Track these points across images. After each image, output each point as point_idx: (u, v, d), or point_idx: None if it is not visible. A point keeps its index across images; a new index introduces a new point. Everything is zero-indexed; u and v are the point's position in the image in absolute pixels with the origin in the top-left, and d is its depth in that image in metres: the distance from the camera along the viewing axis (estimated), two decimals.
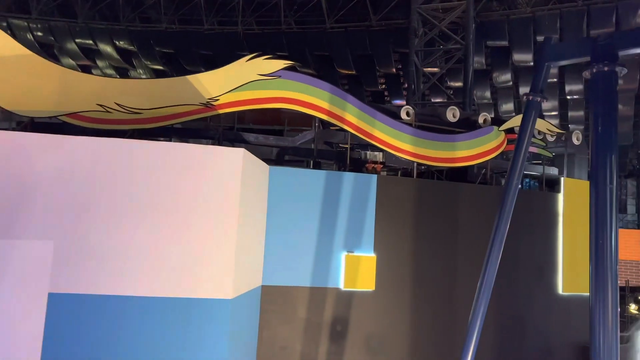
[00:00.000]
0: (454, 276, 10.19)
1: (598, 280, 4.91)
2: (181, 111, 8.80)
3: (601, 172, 5.09)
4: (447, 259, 10.11)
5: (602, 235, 5.00)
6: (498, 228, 6.56)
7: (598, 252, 4.97)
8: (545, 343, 11.06)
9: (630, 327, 13.72)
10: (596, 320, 4.87)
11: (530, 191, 11.79)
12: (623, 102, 31.79)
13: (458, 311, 10.13)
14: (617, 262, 5.03)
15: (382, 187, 9.68)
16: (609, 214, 5.06)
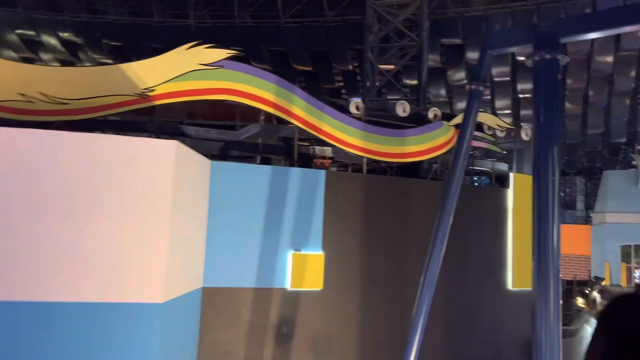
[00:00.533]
0: (405, 274, 9.98)
1: (540, 275, 4.74)
2: (113, 102, 8.20)
3: (543, 164, 4.92)
4: (398, 256, 9.89)
5: (544, 229, 4.82)
6: (441, 222, 6.35)
7: (540, 246, 4.80)
8: (495, 339, 11.04)
9: (577, 320, 13.98)
10: (538, 315, 4.69)
11: (479, 187, 11.78)
12: (572, 101, 32.79)
13: (410, 310, 9.92)
14: (559, 257, 4.87)
15: (331, 183, 9.36)
16: (551, 207, 4.89)
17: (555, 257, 4.80)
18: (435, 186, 10.76)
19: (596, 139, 39.10)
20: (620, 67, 27.25)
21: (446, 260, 10.84)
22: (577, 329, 13.23)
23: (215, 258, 8.41)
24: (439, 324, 10.42)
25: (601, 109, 33.81)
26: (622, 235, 36.13)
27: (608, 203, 36.95)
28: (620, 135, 37.97)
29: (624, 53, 25.52)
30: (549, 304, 4.72)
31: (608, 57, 25.20)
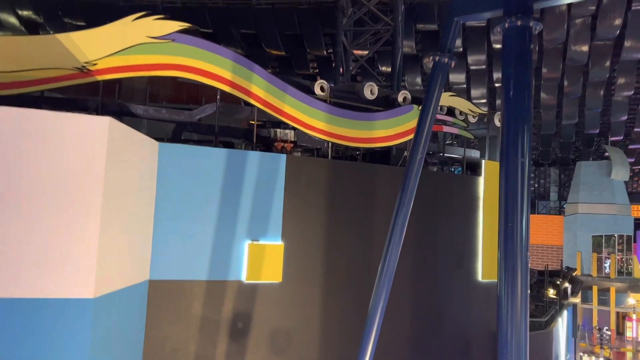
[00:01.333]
0: (371, 265, 9.46)
1: (507, 265, 4.26)
2: (48, 76, 7.42)
3: (512, 144, 4.42)
4: (365, 247, 9.37)
5: (512, 216, 4.33)
6: (400, 209, 5.82)
7: (507, 234, 4.32)
8: (465, 331, 10.65)
9: (549, 311, 13.74)
10: (504, 306, 4.22)
11: (450, 174, 11.31)
12: (547, 91, 32.72)
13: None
14: (527, 245, 4.39)
15: (292, 168, 8.75)
16: (519, 192, 4.39)
17: (523, 246, 4.31)
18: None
19: (570, 130, 39.28)
20: (595, 57, 27.16)
21: (414, 250, 10.39)
22: (548, 321, 12.96)
23: (164, 249, 7.75)
24: (406, 316, 9.97)
25: (576, 100, 33.84)
26: (593, 225, 36.51)
27: (580, 194, 37.25)
28: (594, 127, 38.19)
29: (599, 42, 25.40)
30: (516, 295, 4.25)
31: (583, 47, 25.04)
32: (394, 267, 6.40)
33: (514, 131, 4.38)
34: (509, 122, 4.44)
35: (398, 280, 9.89)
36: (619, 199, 36.61)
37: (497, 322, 4.44)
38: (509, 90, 4.42)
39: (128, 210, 6.71)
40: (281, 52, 25.53)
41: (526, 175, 4.46)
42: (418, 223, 10.14)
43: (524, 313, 4.35)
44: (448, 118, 10.82)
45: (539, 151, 46.53)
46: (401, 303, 9.89)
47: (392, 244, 6.08)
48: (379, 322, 6.11)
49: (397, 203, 6.02)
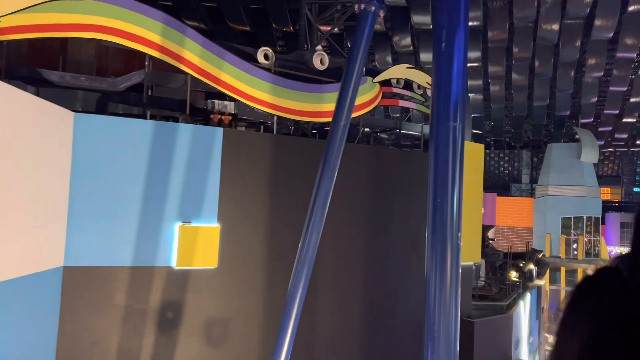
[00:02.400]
0: (318, 249, 8.81)
1: (435, 246, 3.61)
2: None
3: (443, 106, 3.74)
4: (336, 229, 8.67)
5: (441, 191, 3.67)
6: (322, 184, 5.13)
7: (436, 213, 3.67)
8: (421, 316, 10.12)
9: (511, 295, 13.38)
10: (432, 291, 3.59)
11: (403, 151, 10.68)
12: (518, 71, 32.37)
13: (321, 289, 8.82)
14: (459, 225, 3.75)
15: (230, 143, 7.97)
16: (450, 162, 3.72)
17: (454, 225, 3.66)
18: (358, 151, 9.58)
19: (542, 112, 39.18)
20: (566, 36, 26.80)
21: (367, 232, 9.78)
22: (510, 304, 12.58)
23: (81, 231, 6.93)
24: (358, 301, 9.38)
25: (547, 81, 33.64)
26: (563, 207, 36.70)
27: (551, 176, 37.33)
28: (564, 108, 38.13)
29: (570, 21, 25.00)
30: (445, 281, 3.62)
31: (554, 25, 24.60)
32: (315, 251, 5.76)
33: (445, 95, 3.71)
34: (439, 86, 3.76)
35: (349, 264, 9.29)
36: (588, 181, 36.83)
37: (425, 307, 3.82)
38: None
39: (33, 188, 5.86)
40: (246, 27, 24.46)
41: (459, 144, 3.80)
42: (371, 203, 9.51)
43: (454, 298, 3.74)
44: (405, 92, 10.14)
45: (511, 133, 46.50)
46: (353, 288, 9.30)
47: (313, 225, 5.43)
48: (297, 311, 5.47)
49: (317, 179, 5.33)
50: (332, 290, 8.91)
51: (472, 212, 10.85)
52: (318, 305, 8.73)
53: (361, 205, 9.35)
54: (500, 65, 31.18)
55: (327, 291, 8.82)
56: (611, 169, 65.72)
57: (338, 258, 8.98)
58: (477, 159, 11.00)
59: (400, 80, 10.04)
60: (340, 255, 9.01)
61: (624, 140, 46.05)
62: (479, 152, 11.10)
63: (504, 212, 41.22)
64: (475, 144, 11.33)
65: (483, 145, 11.36)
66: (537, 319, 16.82)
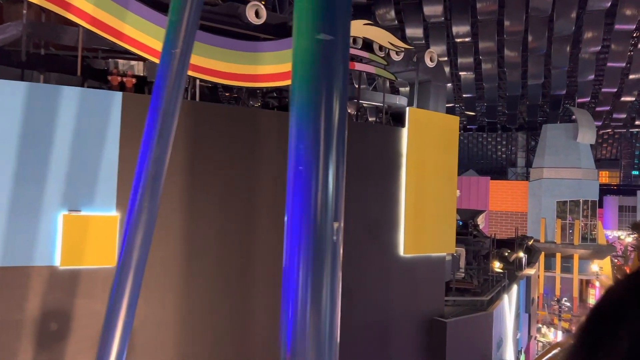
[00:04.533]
0: (249, 242, 7.32)
1: (292, 241, 2.15)
2: None
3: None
4: (238, 216, 7.18)
5: (305, 156, 2.16)
6: (150, 147, 3.61)
7: (297, 188, 2.20)
8: (384, 316, 8.69)
9: (495, 287, 11.92)
10: (292, 304, 2.18)
11: (363, 124, 9.12)
12: (510, 47, 30.65)
13: (254, 289, 7.34)
14: (337, 207, 2.25)
15: (132, 111, 6.42)
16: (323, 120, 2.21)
17: (332, 209, 2.18)
18: None
19: (537, 91, 37.42)
20: (560, 6, 25.10)
21: None
22: (493, 299, 11.15)
23: None
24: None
25: (541, 57, 31.87)
26: (558, 190, 35.20)
27: (546, 158, 35.76)
28: (560, 87, 36.38)
29: None
30: (307, 294, 2.19)
31: None
32: (147, 246, 4.30)
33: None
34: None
35: None
36: (584, 163, 35.28)
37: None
38: None
39: None
40: None
41: (343, 87, 2.29)
42: None
43: (328, 318, 2.31)
44: (363, 53, 8.56)
45: (506, 115, 44.81)
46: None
47: (139, 210, 3.96)
48: (122, 331, 4.04)
49: (143, 144, 3.83)
50: (267, 294, 7.42)
51: (444, 196, 9.34)
52: (250, 312, 7.25)
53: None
54: (491, 40, 29.43)
55: (261, 296, 7.33)
56: (610, 152, 64.22)
57: (275, 253, 7.48)
58: (449, 133, 9.46)
59: (358, 39, 8.45)
60: (278, 250, 7.50)
61: (623, 120, 44.45)
62: (453, 125, 9.56)
63: (498, 197, 39.73)
64: (448, 116, 9.77)
65: (457, 118, 9.80)
66: (527, 312, 15.41)
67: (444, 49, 29.78)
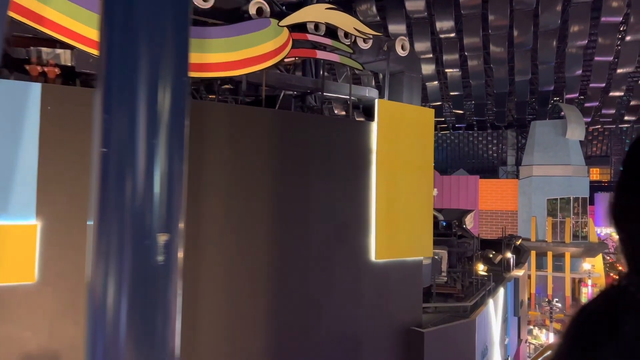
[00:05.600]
0: (201, 248, 6.54)
1: (101, 231, 1.42)
2: None
3: None
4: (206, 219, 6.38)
5: (107, 137, 1.42)
6: None
7: (103, 172, 1.48)
8: (355, 329, 7.92)
9: (479, 291, 11.20)
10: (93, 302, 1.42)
11: (327, 118, 8.36)
12: (496, 42, 30.07)
13: (206, 307, 6.57)
14: (172, 211, 1.51)
15: (54, 105, 5.63)
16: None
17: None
18: (270, 118, 7.27)
19: (524, 87, 36.85)
20: (545, 0, 24.55)
21: (279, 222, 7.54)
22: (477, 304, 10.42)
23: None
24: (265, 320, 7.13)
25: (528, 52, 31.25)
26: (548, 188, 34.63)
27: (535, 155, 35.19)
28: (548, 83, 35.82)
29: None
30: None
31: None
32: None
33: None
34: None
35: (250, 269, 7.03)
36: (574, 160, 34.77)
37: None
38: None
39: None
40: None
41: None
42: (285, 185, 7.24)
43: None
44: (326, 40, 7.82)
45: (494, 112, 44.22)
46: (256, 300, 7.04)
47: None
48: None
49: None
50: (221, 311, 6.63)
51: (419, 195, 8.60)
52: (201, 329, 6.46)
53: (270, 189, 7.07)
54: (476, 35, 28.77)
55: (214, 310, 6.55)
56: (600, 149, 63.91)
57: (234, 261, 6.70)
58: (424, 127, 8.73)
59: (320, 25, 7.72)
60: (238, 256, 6.73)
61: (612, 116, 44.04)
62: (427, 119, 8.82)
63: (487, 196, 39.13)
64: (422, 108, 9.04)
65: (432, 111, 9.07)
66: (516, 315, 14.71)
67: (428, 46, 29.10)
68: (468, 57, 32.77)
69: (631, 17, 26.85)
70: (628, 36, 29.69)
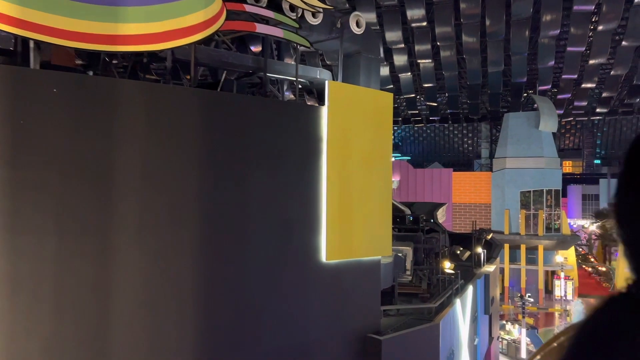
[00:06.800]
0: (115, 253, 5.57)
1: None
2: None
3: None
4: (89, 199, 5.43)
5: None
6: None
7: None
8: (303, 338, 7.06)
9: (446, 290, 10.45)
10: None
11: (270, 101, 7.42)
12: (468, 32, 29.47)
13: (123, 320, 5.62)
14: None
15: None
16: None
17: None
18: (206, 101, 6.29)
19: (497, 79, 36.39)
20: None
21: (214, 220, 6.61)
22: (444, 304, 9.67)
23: None
24: (198, 324, 6.19)
25: (500, 42, 30.70)
26: (521, 181, 34.34)
27: (508, 148, 34.83)
28: (521, 74, 35.46)
29: None
30: None
31: None
32: None
33: None
34: None
35: (179, 270, 6.08)
36: (547, 152, 34.49)
37: None
38: None
39: None
40: None
41: None
42: (217, 178, 6.29)
43: None
44: (267, 13, 6.88)
45: (468, 105, 43.77)
46: (187, 306, 6.09)
47: None
48: None
49: None
50: (138, 324, 5.67)
51: (376, 188, 7.76)
52: (113, 345, 5.50)
53: (199, 182, 6.12)
54: (448, 25, 28.05)
55: (129, 323, 5.58)
56: (572, 142, 64.51)
57: (154, 267, 5.74)
58: (382, 112, 7.87)
59: None
60: (160, 261, 5.77)
61: (584, 108, 44.10)
62: (385, 103, 7.98)
63: (461, 189, 38.71)
64: (379, 92, 8.17)
65: (391, 95, 8.23)
66: (487, 314, 14.08)
67: (400, 36, 28.29)
68: (440, 48, 32.03)
69: (603, 6, 26.52)
70: (600, 26, 29.41)
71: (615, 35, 32.37)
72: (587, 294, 34.90)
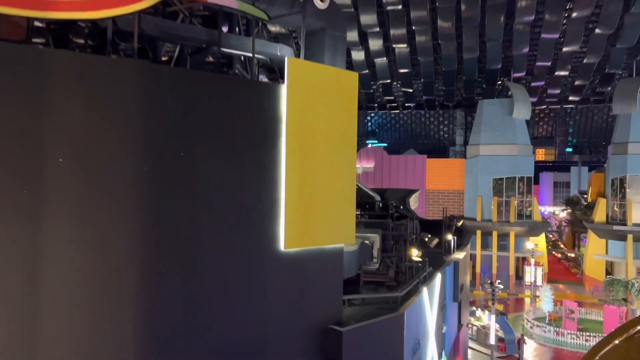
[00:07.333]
0: (47, 245, 5.07)
1: None
2: None
3: None
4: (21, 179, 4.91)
5: None
6: None
7: None
8: (260, 331, 6.67)
9: (413, 279, 10.22)
10: None
11: (223, 77, 6.93)
12: (443, 17, 29.24)
13: (56, 320, 5.12)
14: None
15: None
16: None
17: None
18: (147, 74, 5.75)
19: (472, 66, 36.39)
20: None
21: (162, 207, 6.14)
22: (410, 292, 9.42)
23: None
24: (141, 318, 5.74)
25: (476, 28, 30.64)
26: (494, 167, 34.49)
27: (482, 135, 34.88)
28: (496, 61, 35.54)
29: None
30: None
31: None
32: None
33: None
34: None
35: (119, 260, 5.60)
36: (520, 139, 34.64)
37: None
38: None
39: None
40: None
41: None
42: (164, 161, 5.79)
43: None
44: None
45: (444, 91, 43.72)
46: (128, 300, 5.62)
47: None
48: None
49: None
50: (74, 319, 5.20)
51: (339, 172, 7.37)
52: (46, 342, 5.02)
53: (142, 165, 5.61)
54: (423, 9, 27.81)
55: (64, 318, 5.10)
56: (545, 130, 65.47)
57: (91, 257, 5.25)
58: (346, 92, 7.47)
59: None
60: (97, 252, 5.28)
61: (557, 96, 44.53)
62: (350, 83, 7.58)
63: (434, 175, 38.73)
64: (343, 71, 7.75)
65: (356, 74, 7.82)
66: (455, 301, 13.94)
67: (375, 19, 27.85)
68: (416, 32, 31.78)
69: None
70: (574, 12, 29.49)
71: (589, 23, 32.53)
72: (556, 280, 35.52)
